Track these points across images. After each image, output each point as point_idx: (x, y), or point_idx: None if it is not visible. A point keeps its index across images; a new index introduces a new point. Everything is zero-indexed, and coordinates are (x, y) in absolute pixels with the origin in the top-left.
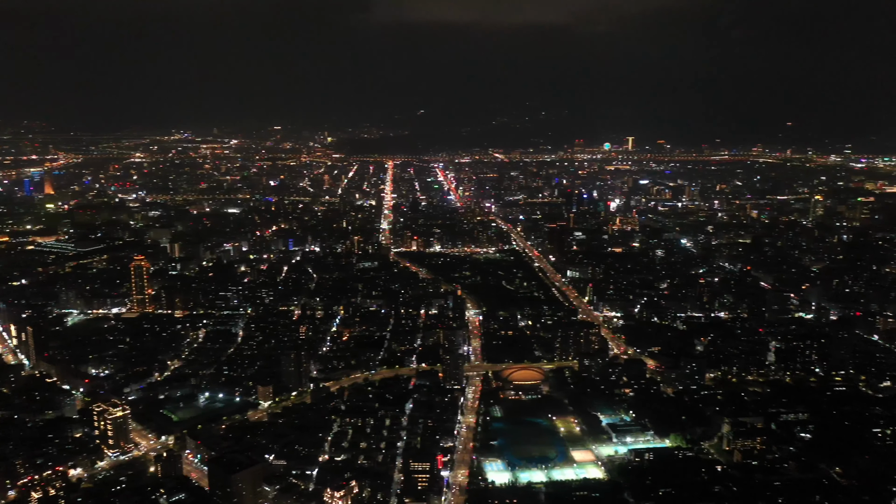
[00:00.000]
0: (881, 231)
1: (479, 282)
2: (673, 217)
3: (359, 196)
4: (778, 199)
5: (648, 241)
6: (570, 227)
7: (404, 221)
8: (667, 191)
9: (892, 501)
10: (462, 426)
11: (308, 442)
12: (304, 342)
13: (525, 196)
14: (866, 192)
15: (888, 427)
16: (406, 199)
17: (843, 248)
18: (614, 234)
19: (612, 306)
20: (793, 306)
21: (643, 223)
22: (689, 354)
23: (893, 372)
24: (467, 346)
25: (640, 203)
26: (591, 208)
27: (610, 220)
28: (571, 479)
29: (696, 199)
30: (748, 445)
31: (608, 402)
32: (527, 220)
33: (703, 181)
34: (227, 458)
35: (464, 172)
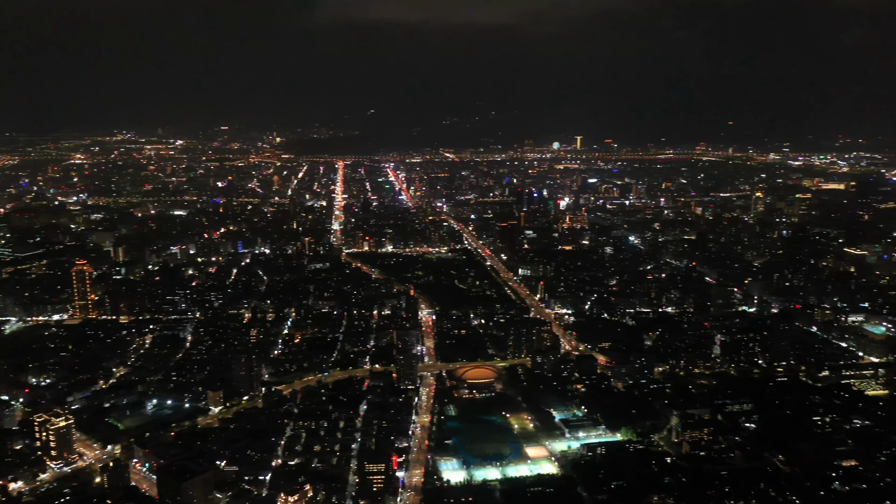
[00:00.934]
0: (818, 226)
1: (431, 281)
2: (621, 215)
3: (309, 197)
4: (721, 197)
5: (598, 238)
6: (521, 226)
7: (356, 222)
8: (615, 189)
9: (831, 486)
10: (417, 426)
11: (260, 447)
12: (255, 345)
13: (476, 195)
14: (804, 189)
15: (827, 415)
16: (357, 200)
17: (783, 244)
18: (564, 232)
19: (564, 303)
20: (736, 300)
21: (592, 221)
22: (638, 349)
23: (831, 362)
24: (421, 346)
25: (589, 201)
26: (541, 207)
27: (560, 219)
28: (526, 475)
29: (643, 196)
30: (696, 437)
31: (561, 398)
32: (478, 220)
33: (650, 179)
34: (177, 466)
35: (415, 172)
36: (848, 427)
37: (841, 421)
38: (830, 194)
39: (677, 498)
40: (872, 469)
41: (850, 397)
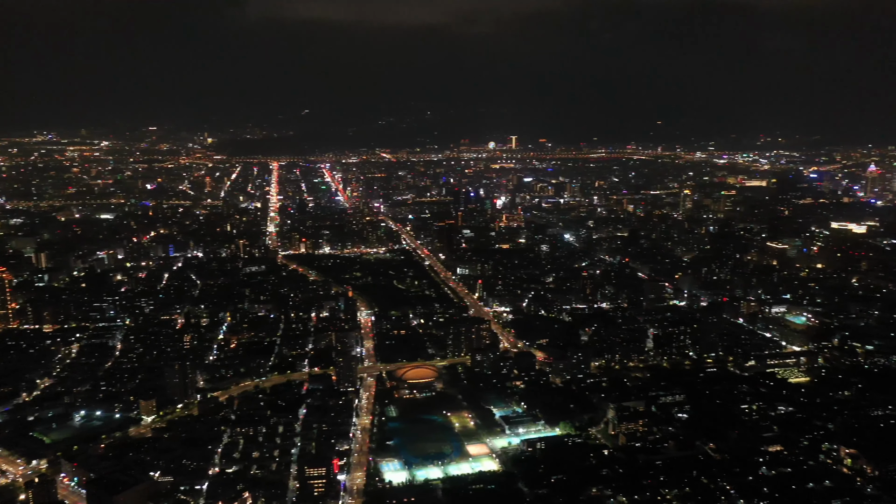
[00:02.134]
0: (742, 222)
1: (370, 282)
2: (556, 213)
3: (243, 198)
4: (651, 194)
5: (534, 237)
6: (459, 226)
7: (292, 223)
8: (549, 188)
9: (758, 471)
10: (357, 428)
11: (196, 455)
12: (188, 352)
13: (413, 195)
14: (729, 187)
15: (754, 403)
16: (293, 201)
17: (710, 239)
18: (501, 231)
19: (502, 301)
20: (667, 294)
21: (528, 220)
22: (575, 345)
23: (757, 352)
24: (360, 348)
25: (525, 200)
26: (478, 206)
27: (497, 218)
28: (467, 473)
29: (577, 195)
30: (631, 428)
31: (500, 396)
32: (416, 220)
33: (583, 178)
34: (108, 479)
35: (351, 173)
36: (773, 414)
37: (767, 408)
38: (753, 191)
39: (615, 489)
40: (796, 453)
41: (775, 385)
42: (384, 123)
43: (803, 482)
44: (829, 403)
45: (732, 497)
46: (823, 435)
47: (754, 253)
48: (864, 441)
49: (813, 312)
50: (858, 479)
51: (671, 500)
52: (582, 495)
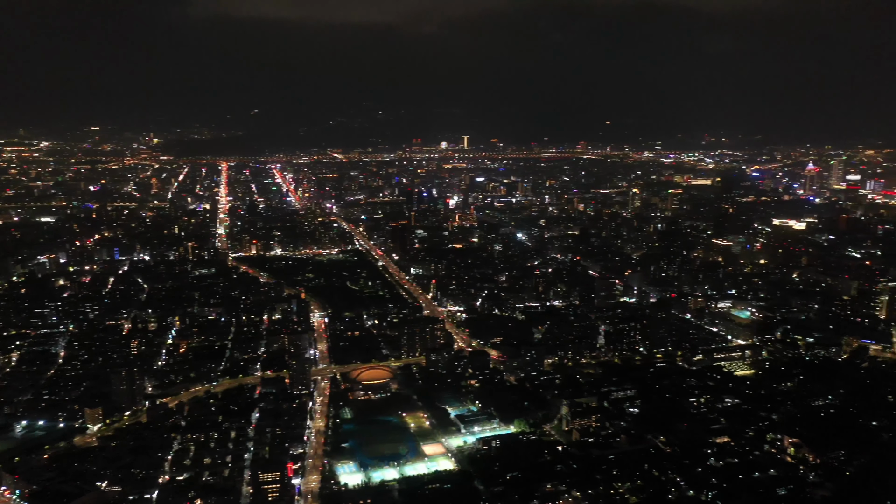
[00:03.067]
0: (689, 220)
1: (323, 283)
2: (508, 212)
3: (191, 200)
4: (601, 193)
5: (487, 236)
6: (412, 226)
7: (242, 225)
8: (502, 187)
9: (707, 462)
10: (312, 431)
11: (146, 463)
12: (135, 357)
13: (366, 196)
14: (675, 185)
15: (702, 396)
16: (243, 202)
17: (658, 236)
18: (454, 230)
19: (456, 301)
20: (618, 292)
21: (481, 219)
22: (528, 343)
23: (704, 346)
24: (314, 350)
25: (477, 200)
26: (431, 206)
27: (450, 218)
28: (423, 473)
29: (529, 194)
30: (585, 424)
31: (455, 395)
32: (369, 220)
33: (535, 177)
34: (52, 491)
35: (302, 173)
36: (720, 406)
37: (714, 401)
38: (699, 189)
39: (569, 484)
40: (743, 444)
41: (722, 378)
42: (335, 123)
43: (749, 472)
44: (773, 395)
45: (682, 488)
46: (768, 425)
47: (700, 250)
48: (806, 430)
49: (756, 307)
50: (801, 468)
51: (623, 493)
52: (537, 491)
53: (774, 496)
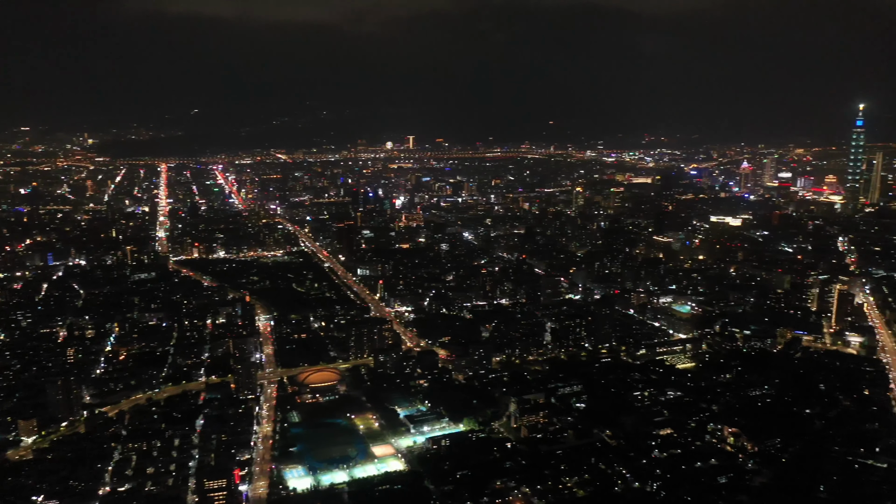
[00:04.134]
0: (630, 217)
1: (268, 286)
2: (455, 212)
3: (129, 202)
4: (545, 192)
5: (433, 236)
6: (358, 226)
7: (183, 227)
8: (448, 187)
9: (651, 454)
10: (259, 436)
11: (85, 475)
12: (72, 366)
13: (311, 196)
14: (617, 184)
15: (645, 389)
16: (184, 204)
17: (601, 234)
18: (401, 230)
19: (403, 301)
20: (563, 289)
21: (428, 219)
22: (476, 342)
23: (647, 340)
24: (259, 354)
25: (423, 200)
26: (377, 206)
27: (396, 218)
28: (373, 474)
29: (475, 194)
30: (532, 421)
31: (404, 395)
32: (314, 221)
33: (480, 177)
34: None
35: (245, 174)
36: (663, 399)
37: (657, 394)
38: (640, 188)
39: (518, 480)
40: (685, 435)
41: (664, 371)
42: (279, 123)
43: (692, 462)
44: (713, 386)
45: (628, 480)
46: (708, 416)
47: (642, 247)
48: (744, 420)
49: (696, 301)
50: (740, 456)
51: (571, 487)
52: (487, 489)
53: (716, 484)
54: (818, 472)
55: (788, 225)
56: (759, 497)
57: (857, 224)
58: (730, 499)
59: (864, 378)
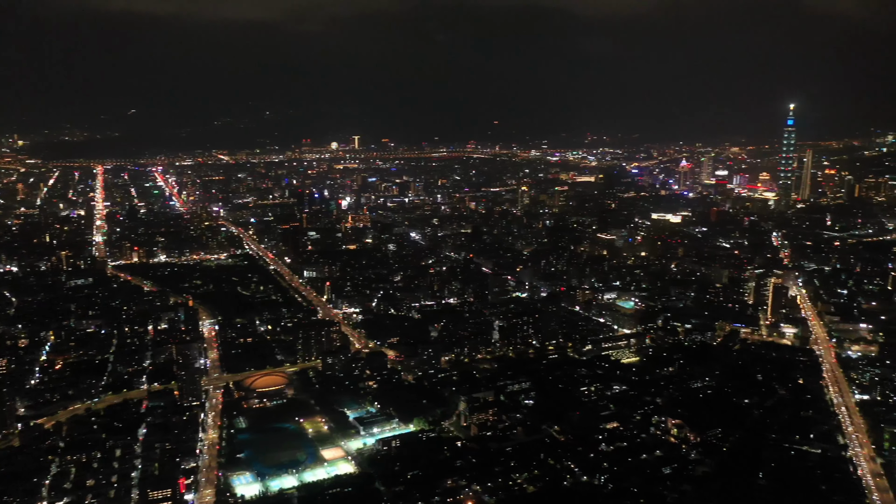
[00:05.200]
0: (575, 215)
1: (212, 290)
2: (401, 212)
3: (64, 206)
4: (491, 191)
5: (380, 236)
6: (304, 228)
7: (122, 231)
8: (394, 187)
9: (598, 448)
10: (205, 444)
11: (19, 490)
12: (4, 377)
13: (255, 198)
14: (561, 182)
15: (592, 384)
16: (122, 207)
17: (547, 233)
18: (348, 231)
19: (351, 302)
20: (510, 287)
21: (374, 219)
22: (425, 341)
23: (593, 336)
24: (204, 359)
25: (370, 200)
26: (323, 207)
27: (343, 219)
28: (323, 478)
29: (422, 194)
30: (482, 419)
31: (354, 397)
32: (259, 223)
33: (427, 177)
34: None
35: (187, 176)
36: (609, 393)
37: (603, 388)
38: (583, 186)
39: (469, 478)
40: (630, 428)
41: (610, 366)
42: (220, 124)
43: (637, 454)
44: (657, 380)
45: (577, 475)
46: (653, 409)
47: (586, 244)
48: (686, 411)
49: (639, 297)
50: (683, 447)
51: (521, 483)
52: (438, 488)
53: (660, 475)
54: (757, 460)
55: (725, 221)
56: (701, 486)
57: (790, 220)
58: (674, 488)
59: (798, 368)
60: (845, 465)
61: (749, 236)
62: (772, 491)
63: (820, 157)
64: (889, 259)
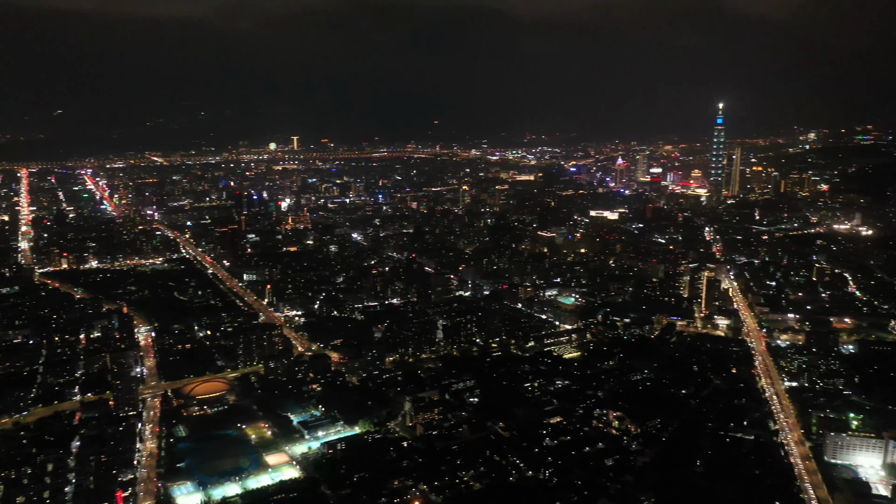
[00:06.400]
0: (515, 214)
1: (147, 296)
2: (343, 213)
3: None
4: (433, 191)
5: (322, 237)
6: (243, 230)
7: (49, 237)
8: (335, 188)
9: (543, 442)
10: (143, 454)
11: None
12: None
13: (191, 201)
14: (502, 182)
15: (535, 380)
16: (49, 212)
17: (488, 231)
18: (288, 233)
19: (293, 305)
20: (453, 286)
21: (315, 221)
22: (369, 343)
23: (535, 333)
24: (140, 367)
25: (310, 201)
26: (262, 209)
27: (283, 220)
28: (268, 484)
29: (363, 194)
30: (427, 418)
31: (298, 401)
32: (196, 226)
33: (367, 177)
34: None
35: (118, 179)
36: (552, 388)
37: (546, 384)
38: (523, 185)
39: (415, 478)
40: (574, 421)
41: (553, 362)
42: (153, 125)
43: (581, 447)
44: (598, 374)
45: (522, 470)
46: (595, 402)
47: (527, 242)
48: (627, 403)
49: (579, 293)
50: (625, 438)
51: (468, 481)
52: (385, 489)
53: (603, 467)
54: (694, 448)
55: (661, 217)
56: (642, 476)
57: (721, 215)
58: (616, 479)
59: (732, 358)
60: (777, 450)
61: (683, 232)
62: (708, 477)
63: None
64: (813, 251)
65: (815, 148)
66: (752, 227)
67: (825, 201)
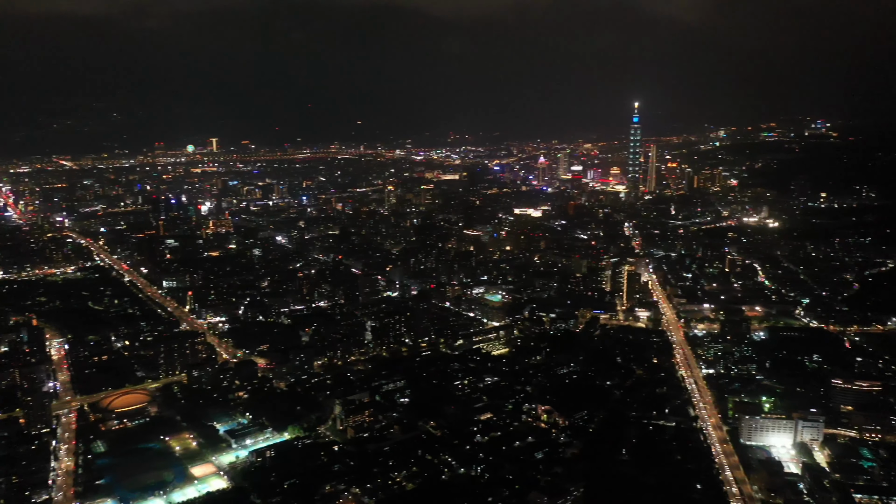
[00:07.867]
0: (441, 213)
1: (59, 307)
2: (266, 216)
3: None
4: (358, 192)
5: (245, 241)
6: (161, 236)
7: None
8: (257, 190)
9: (474, 439)
10: (58, 473)
11: None
12: None
13: (104, 206)
14: (427, 181)
15: (465, 378)
16: None
17: (415, 231)
18: (209, 238)
19: (216, 311)
20: (381, 287)
21: (237, 224)
22: (296, 347)
23: (464, 331)
24: (53, 382)
25: (232, 204)
26: (181, 214)
27: (203, 225)
28: (194, 496)
29: (286, 196)
30: (358, 420)
31: (223, 410)
32: (110, 232)
33: (291, 179)
34: None
35: (23, 184)
36: (482, 385)
37: (476, 381)
38: (448, 184)
39: (347, 482)
40: (503, 417)
41: (481, 359)
42: (61, 127)
43: (511, 442)
44: (526, 369)
45: (454, 468)
46: (523, 397)
47: (454, 241)
48: (555, 397)
49: (506, 290)
50: (553, 431)
51: (401, 481)
52: (316, 495)
53: (533, 460)
54: (620, 437)
55: (582, 214)
56: (571, 466)
57: (639, 210)
58: (547, 472)
59: (653, 348)
60: (696, 435)
61: (604, 227)
62: (634, 465)
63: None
64: (725, 244)
65: (725, 145)
66: (669, 221)
67: (735, 196)
